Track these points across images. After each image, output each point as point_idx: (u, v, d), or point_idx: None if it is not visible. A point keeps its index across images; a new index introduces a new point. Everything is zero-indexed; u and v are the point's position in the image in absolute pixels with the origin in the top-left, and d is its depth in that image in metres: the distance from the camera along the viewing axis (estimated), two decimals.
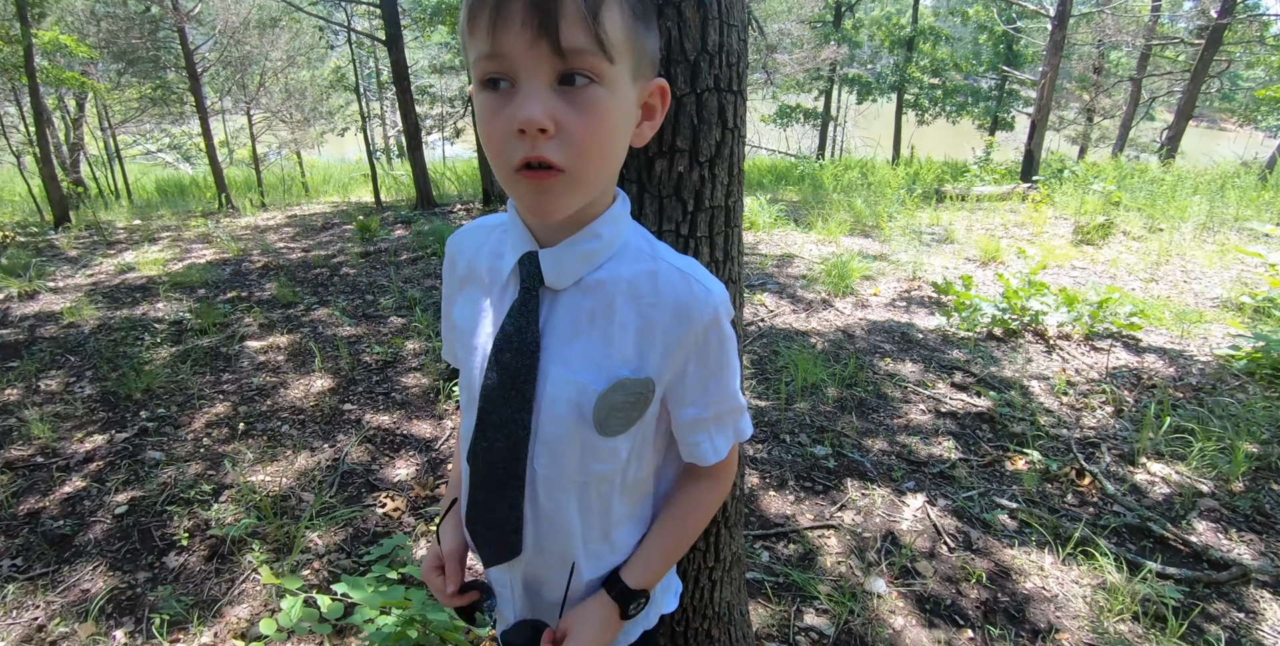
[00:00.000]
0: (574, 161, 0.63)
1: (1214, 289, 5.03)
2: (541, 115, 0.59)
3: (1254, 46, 14.92)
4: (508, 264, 0.78)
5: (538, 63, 0.60)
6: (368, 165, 11.29)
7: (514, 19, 0.59)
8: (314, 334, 4.26)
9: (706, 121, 0.93)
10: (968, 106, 19.50)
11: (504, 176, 0.66)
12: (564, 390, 0.74)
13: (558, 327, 0.75)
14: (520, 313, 0.75)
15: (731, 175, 0.99)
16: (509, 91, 0.62)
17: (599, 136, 0.64)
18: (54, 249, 7.19)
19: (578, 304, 0.75)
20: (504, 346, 0.75)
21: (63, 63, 10.47)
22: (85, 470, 2.81)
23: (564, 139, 0.62)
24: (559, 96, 0.61)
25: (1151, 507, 2.55)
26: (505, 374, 0.75)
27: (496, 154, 0.64)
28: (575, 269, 0.74)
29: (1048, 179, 9.40)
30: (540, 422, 0.76)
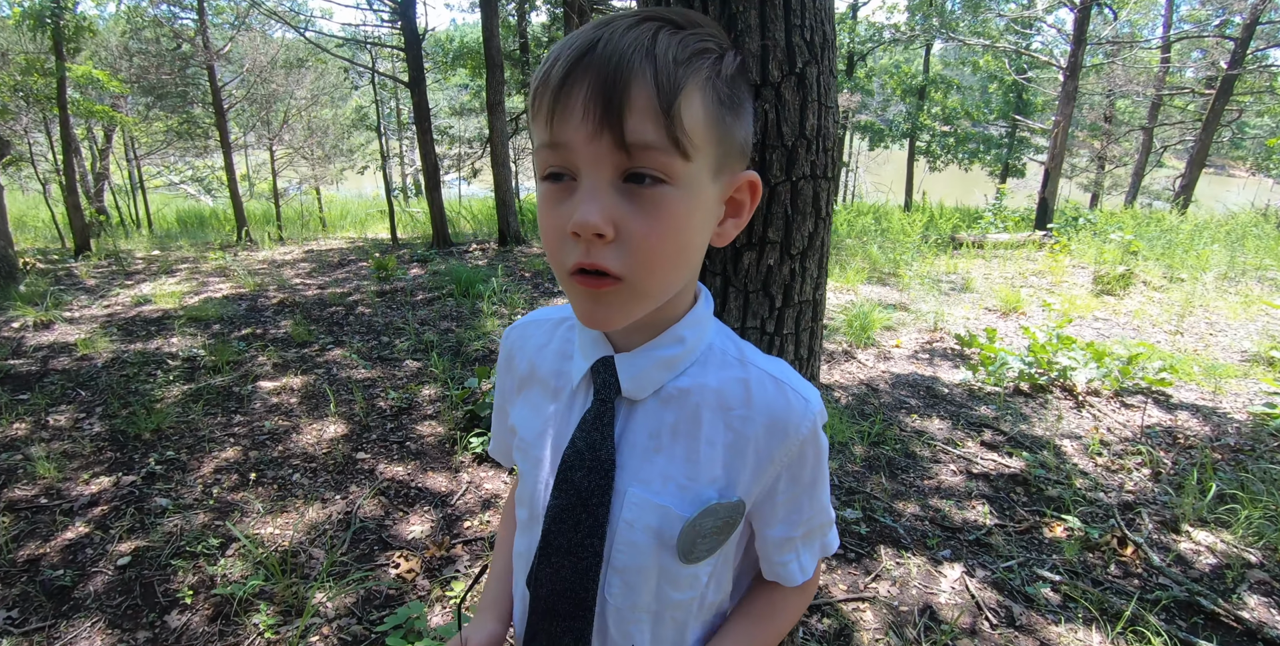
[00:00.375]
0: (634, 271, 0.56)
1: (1241, 342, 4.93)
2: (599, 219, 0.53)
3: (1264, 96, 15.08)
4: (578, 369, 0.71)
5: (599, 158, 0.53)
6: (384, 202, 11.44)
7: (575, 107, 0.53)
8: (328, 376, 4.21)
9: (801, 211, 0.87)
10: (979, 153, 19.73)
11: (559, 277, 0.60)
12: (643, 515, 0.66)
13: (635, 442, 0.68)
14: (594, 426, 0.67)
15: (820, 267, 0.93)
16: (569, 185, 0.56)
17: (666, 243, 0.56)
18: (73, 277, 7.23)
19: (658, 416, 0.68)
20: (574, 464, 0.68)
21: (94, 95, 10.77)
22: (89, 515, 2.73)
23: (625, 245, 0.55)
24: (622, 195, 0.54)
25: (1199, 580, 2.42)
26: (575, 495, 0.67)
27: (552, 252, 0.59)
28: (655, 377, 0.67)
29: (1063, 227, 9.40)
30: (614, 549, 0.68)
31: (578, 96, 0.52)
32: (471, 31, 18.66)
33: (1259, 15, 11.72)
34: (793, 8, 0.78)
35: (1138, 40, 15.51)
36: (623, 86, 0.51)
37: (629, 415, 0.68)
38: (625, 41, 0.52)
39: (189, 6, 11.77)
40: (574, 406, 0.71)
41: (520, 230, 9.52)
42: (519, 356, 0.80)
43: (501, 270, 7.12)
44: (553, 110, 0.54)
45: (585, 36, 0.54)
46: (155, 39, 12.15)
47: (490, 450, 0.90)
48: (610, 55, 0.52)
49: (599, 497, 0.66)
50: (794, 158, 0.84)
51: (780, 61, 0.80)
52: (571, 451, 0.68)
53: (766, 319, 0.89)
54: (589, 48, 0.53)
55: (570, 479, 0.68)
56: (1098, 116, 17.07)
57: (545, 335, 0.78)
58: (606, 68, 0.52)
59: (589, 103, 0.52)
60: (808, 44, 0.80)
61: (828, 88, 0.83)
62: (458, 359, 4.48)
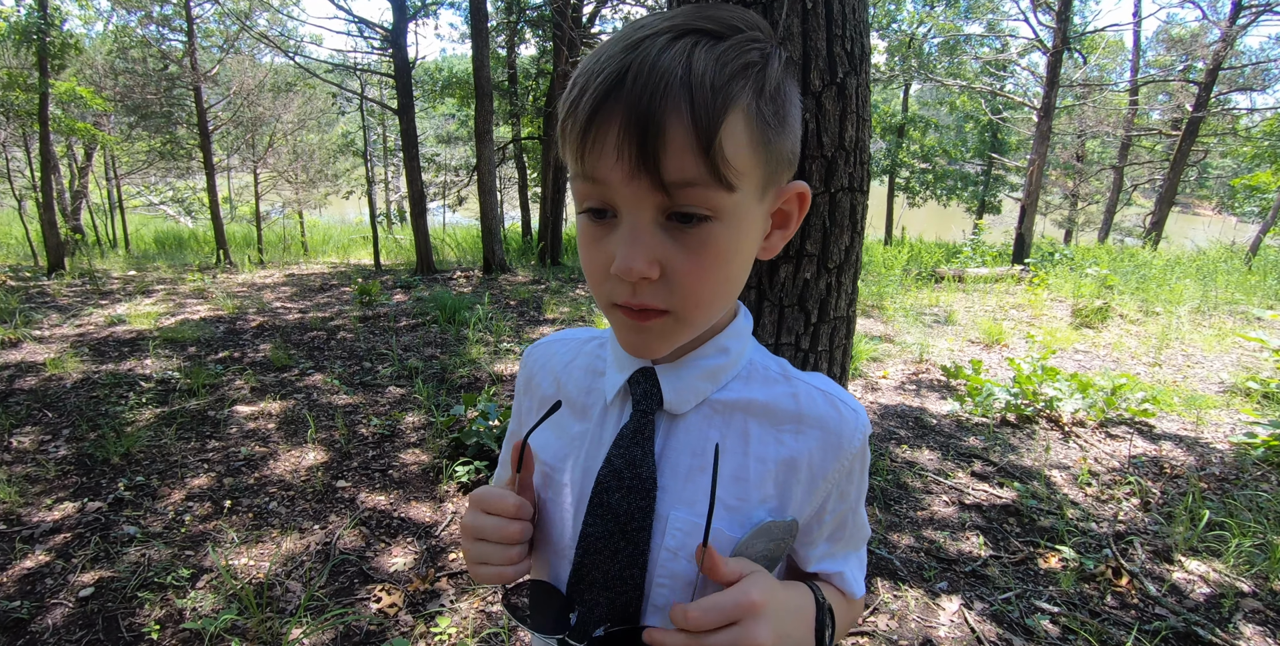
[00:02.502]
0: (681, 305, 0.54)
1: (1218, 373, 5.01)
2: (643, 264, 0.50)
3: (1227, 138, 15.71)
4: (613, 382, 0.66)
5: (639, 198, 0.50)
6: (367, 227, 11.39)
7: (607, 146, 0.49)
8: (308, 401, 4.10)
9: (839, 224, 0.85)
10: (957, 190, 20.24)
11: (602, 307, 0.58)
12: (689, 541, 0.60)
13: (678, 462, 0.62)
14: (633, 441, 0.62)
15: (854, 282, 0.92)
16: (610, 222, 0.53)
17: (713, 279, 0.54)
18: (45, 295, 7.05)
19: (702, 432, 0.63)
20: (611, 484, 0.61)
21: (76, 113, 10.68)
22: (50, 542, 2.59)
23: (670, 282, 0.53)
24: (666, 233, 0.51)
25: (1195, 609, 2.40)
26: (613, 520, 0.61)
27: (594, 284, 0.56)
28: (699, 389, 0.63)
29: (1039, 261, 9.60)
30: (654, 583, 0.61)
31: (609, 134, 0.49)
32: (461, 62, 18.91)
33: (1221, 61, 12.28)
34: (834, 18, 0.78)
35: (1107, 83, 16.17)
36: (657, 125, 0.47)
37: (669, 431, 0.63)
38: (658, 70, 0.48)
39: (178, 28, 11.80)
40: (606, 423, 0.66)
41: (505, 258, 9.51)
42: (541, 375, 0.75)
43: (487, 298, 7.07)
44: (583, 145, 0.50)
45: (615, 63, 0.49)
46: (142, 59, 12.14)
47: (496, 482, 0.80)
48: (642, 90, 0.47)
49: (639, 521, 0.60)
50: (833, 169, 0.83)
51: (822, 71, 0.79)
52: (607, 471, 0.62)
53: (801, 335, 0.86)
54: (618, 78, 0.48)
55: (606, 502, 0.61)
56: (1070, 156, 17.65)
57: (571, 352, 0.74)
58: (639, 105, 0.47)
59: (622, 143, 0.48)
60: (848, 54, 0.79)
61: (865, 100, 0.82)
62: (442, 386, 4.40)
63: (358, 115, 14.15)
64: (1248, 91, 15.61)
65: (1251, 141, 14.28)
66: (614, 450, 0.63)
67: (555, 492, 0.67)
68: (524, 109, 13.28)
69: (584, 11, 11.73)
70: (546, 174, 11.31)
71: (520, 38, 13.46)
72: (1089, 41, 15.84)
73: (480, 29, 8.47)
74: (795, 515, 0.63)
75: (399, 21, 8.96)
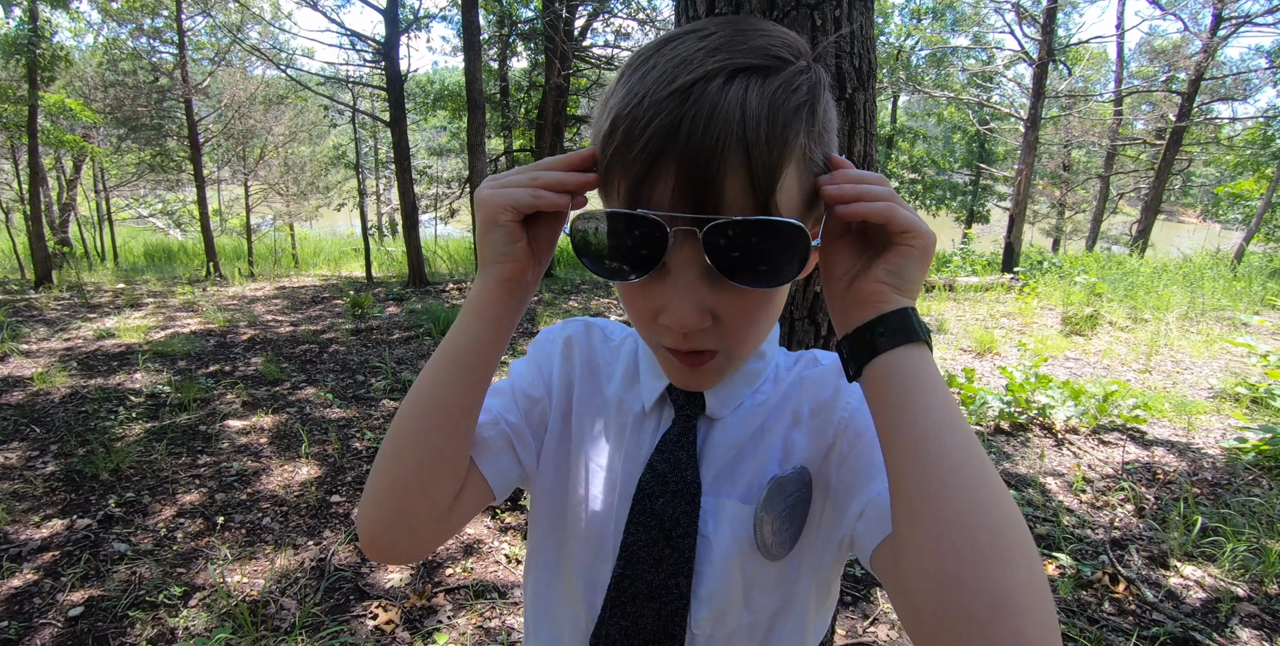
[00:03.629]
0: (730, 345, 0.55)
1: (1207, 379, 5.06)
2: (696, 318, 0.51)
3: (1210, 147, 15.98)
4: (650, 390, 0.66)
5: (690, 252, 0.49)
6: (358, 240, 11.37)
7: (660, 199, 0.48)
8: (300, 415, 4.07)
9: None
10: (946, 200, 20.43)
11: (648, 344, 0.59)
12: (722, 522, 0.61)
13: (713, 457, 0.63)
14: (678, 445, 0.62)
15: None
16: (659, 272, 0.51)
17: (761, 319, 0.55)
18: (32, 309, 6.99)
19: (739, 429, 0.64)
20: (655, 490, 0.61)
21: (65, 125, 10.64)
22: (39, 561, 2.55)
23: (721, 327, 0.53)
24: (715, 282, 0.51)
25: (1192, 615, 2.41)
26: (658, 527, 0.60)
27: (639, 325, 0.57)
28: (738, 393, 0.64)
29: (1029, 270, 9.69)
30: (701, 582, 0.60)
31: (664, 188, 0.48)
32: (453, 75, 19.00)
33: (1203, 71, 12.50)
34: (843, 34, 0.79)
35: (1091, 94, 16.42)
36: (715, 186, 0.47)
37: (708, 434, 0.64)
38: (715, 125, 0.46)
39: (169, 41, 11.81)
40: (644, 430, 0.66)
41: None
42: (585, 357, 0.71)
43: None
44: (635, 184, 0.49)
45: (666, 114, 0.47)
46: (133, 71, 12.12)
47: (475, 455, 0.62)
48: (699, 151, 0.46)
49: (685, 527, 0.60)
50: None
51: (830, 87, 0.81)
52: (650, 476, 0.62)
53: (811, 348, 0.86)
54: (672, 129, 0.46)
55: (650, 508, 0.61)
56: (1057, 165, 17.87)
57: (612, 350, 0.72)
58: (697, 162, 0.46)
59: (678, 199, 0.47)
60: (856, 71, 0.81)
61: (872, 115, 0.84)
62: None
63: (349, 128, 14.17)
64: (1229, 101, 15.91)
65: (1234, 150, 14.53)
66: (657, 455, 0.62)
67: (597, 488, 0.66)
68: (516, 121, 13.34)
69: (576, 25, 11.83)
70: None
71: (512, 50, 13.54)
72: (1073, 53, 16.11)
73: (472, 42, 8.51)
74: (804, 461, 0.62)
75: (391, 34, 9.00)
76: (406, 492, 0.56)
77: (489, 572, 2.54)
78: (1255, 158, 13.65)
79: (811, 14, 0.81)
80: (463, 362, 0.56)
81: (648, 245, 0.49)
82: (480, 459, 0.62)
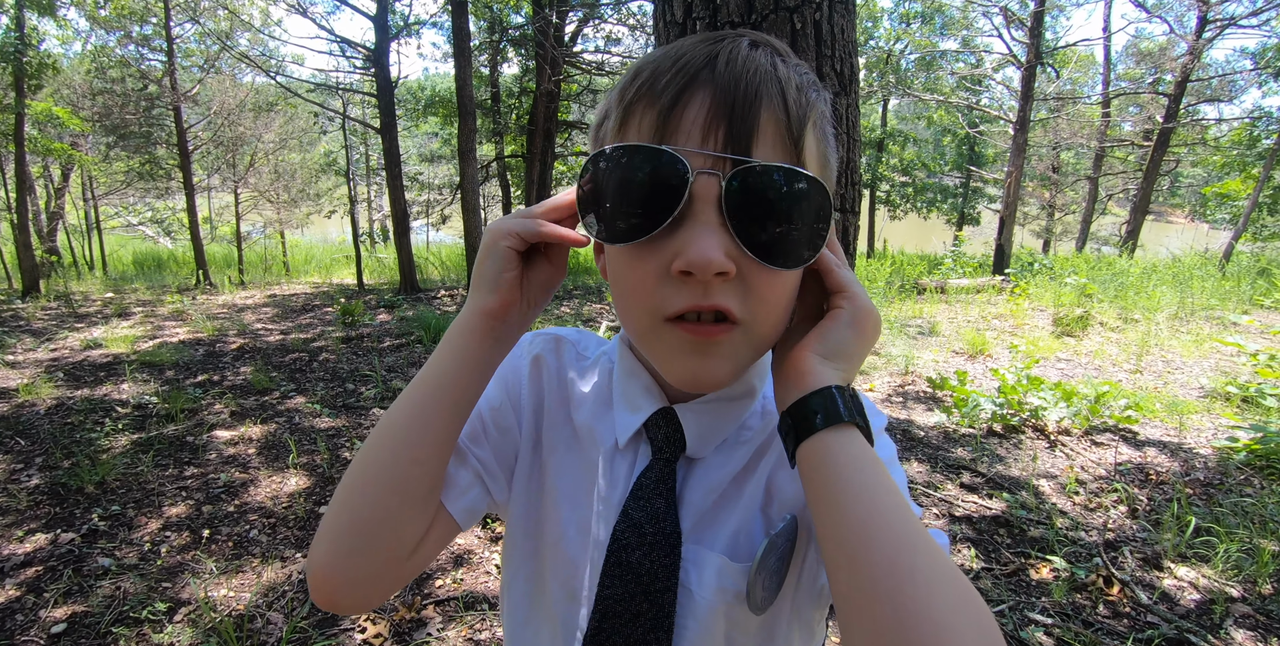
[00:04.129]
0: (755, 315, 0.48)
1: (1198, 378, 5.07)
2: (720, 254, 0.45)
3: (1197, 148, 16.12)
4: (625, 424, 0.59)
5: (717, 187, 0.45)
6: (349, 247, 11.32)
7: (691, 129, 0.45)
8: (289, 425, 4.03)
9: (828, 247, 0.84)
10: (937, 202, 20.54)
11: (645, 328, 0.50)
12: (704, 573, 0.55)
13: (692, 501, 0.57)
14: (655, 491, 0.56)
15: None
16: (672, 225, 0.46)
17: (787, 290, 0.50)
18: (18, 319, 6.92)
19: (720, 469, 0.58)
20: (631, 542, 0.55)
21: (53, 133, 10.57)
22: (21, 576, 2.51)
23: (746, 284, 0.47)
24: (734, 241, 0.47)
25: (1186, 616, 2.40)
26: (635, 581, 0.55)
27: (639, 299, 0.49)
28: (723, 429, 0.58)
29: (1019, 271, 9.72)
30: (684, 635, 0.56)
31: (695, 116, 0.45)
32: (443, 81, 19.00)
33: (1189, 73, 12.61)
34: (824, 38, 0.78)
35: (1079, 96, 16.55)
36: (755, 110, 0.45)
37: (687, 475, 0.58)
38: (751, 61, 0.46)
39: (158, 48, 11.75)
40: (617, 469, 0.60)
41: None
42: (554, 378, 0.65)
43: None
44: (659, 130, 0.46)
45: (699, 50, 0.47)
46: (121, 78, 12.05)
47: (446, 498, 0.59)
48: (738, 74, 0.46)
49: (664, 581, 0.54)
50: None
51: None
52: (625, 526, 0.56)
53: None
54: (707, 62, 0.46)
55: (626, 560, 0.55)
56: (1046, 167, 18.00)
57: (585, 369, 0.66)
58: (735, 88, 0.45)
59: (712, 124, 0.45)
60: (838, 74, 0.80)
61: (855, 121, 0.83)
62: None
63: (340, 134, 14.14)
64: (1215, 102, 16.06)
65: (1220, 151, 14.66)
66: (632, 502, 0.56)
67: (572, 530, 0.61)
68: (507, 127, 13.33)
69: (566, 30, 11.85)
70: (530, 191, 11.34)
71: (503, 57, 13.55)
72: (1061, 56, 16.24)
73: (463, 48, 8.51)
74: (790, 505, 0.57)
75: (381, 41, 8.98)
76: (370, 531, 0.51)
77: (479, 583, 2.51)
78: (1241, 158, 13.77)
79: (791, 17, 0.80)
80: (439, 398, 0.53)
81: (666, 188, 0.45)
82: (447, 496, 0.58)
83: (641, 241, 0.47)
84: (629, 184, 0.47)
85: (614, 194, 0.47)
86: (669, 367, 0.50)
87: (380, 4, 8.93)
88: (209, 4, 11.13)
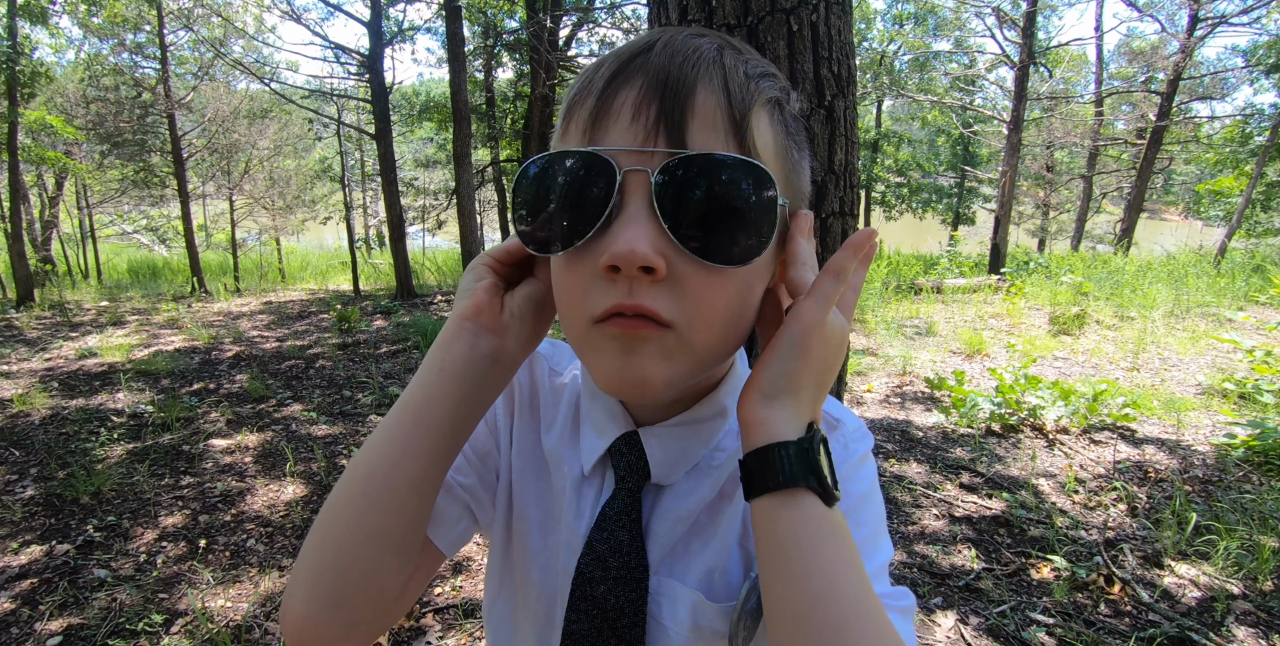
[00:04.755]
0: (689, 319, 0.43)
1: (1195, 375, 5.08)
2: (646, 246, 0.40)
3: (1190, 145, 16.19)
4: (590, 449, 0.56)
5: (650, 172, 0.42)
6: (345, 252, 11.30)
7: (621, 110, 0.42)
8: (286, 433, 4.01)
9: (830, 250, 0.84)
10: (932, 202, 20.60)
11: (580, 335, 0.46)
12: (677, 608, 0.52)
13: (659, 532, 0.54)
14: (618, 523, 0.53)
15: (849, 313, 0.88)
16: (598, 229, 0.43)
17: (729, 289, 0.44)
18: (12, 329, 6.89)
19: (690, 496, 0.54)
20: (596, 576, 0.52)
21: (46, 142, 10.54)
22: (16, 589, 2.49)
23: (679, 288, 0.42)
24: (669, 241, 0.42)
25: (1187, 614, 2.40)
26: (600, 617, 0.52)
27: (575, 304, 0.45)
28: (691, 454, 0.54)
29: (1015, 270, 9.74)
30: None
31: (625, 97, 0.42)
32: (438, 86, 19.02)
33: (1181, 71, 12.67)
34: (820, 40, 0.78)
35: (1072, 95, 16.60)
36: (686, 88, 0.42)
37: (655, 502, 0.55)
38: (689, 45, 0.44)
39: (151, 56, 11.74)
40: (583, 497, 0.57)
41: None
42: (527, 400, 0.63)
43: None
44: (593, 117, 0.43)
45: (639, 40, 0.46)
46: (115, 86, 12.04)
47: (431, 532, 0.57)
48: (671, 56, 0.43)
49: (630, 616, 0.52)
50: (823, 194, 0.82)
51: (810, 94, 0.79)
52: (589, 559, 0.53)
53: None
54: (644, 48, 0.44)
55: (591, 595, 0.52)
56: (1040, 166, 18.05)
57: (558, 391, 0.63)
58: (670, 66, 0.42)
59: (641, 103, 0.42)
60: (835, 77, 0.79)
61: (852, 123, 0.82)
62: None
63: (335, 140, 14.13)
64: (1207, 100, 16.14)
65: (1213, 148, 14.73)
66: (596, 534, 0.53)
67: (542, 559, 0.58)
68: (502, 132, 13.34)
69: (560, 35, 11.86)
70: None
71: (497, 61, 13.56)
72: (1054, 55, 16.31)
73: (457, 53, 8.51)
74: None
75: (375, 47, 8.98)
76: (351, 581, 0.47)
77: (478, 591, 2.49)
78: (1234, 155, 13.84)
79: (787, 19, 0.79)
80: (422, 425, 0.49)
81: (595, 191, 0.42)
82: (435, 531, 0.55)
83: (577, 247, 0.44)
84: (557, 191, 0.44)
85: (543, 203, 0.45)
86: (598, 371, 0.46)
87: (374, 10, 8.93)
88: (203, 11, 11.13)
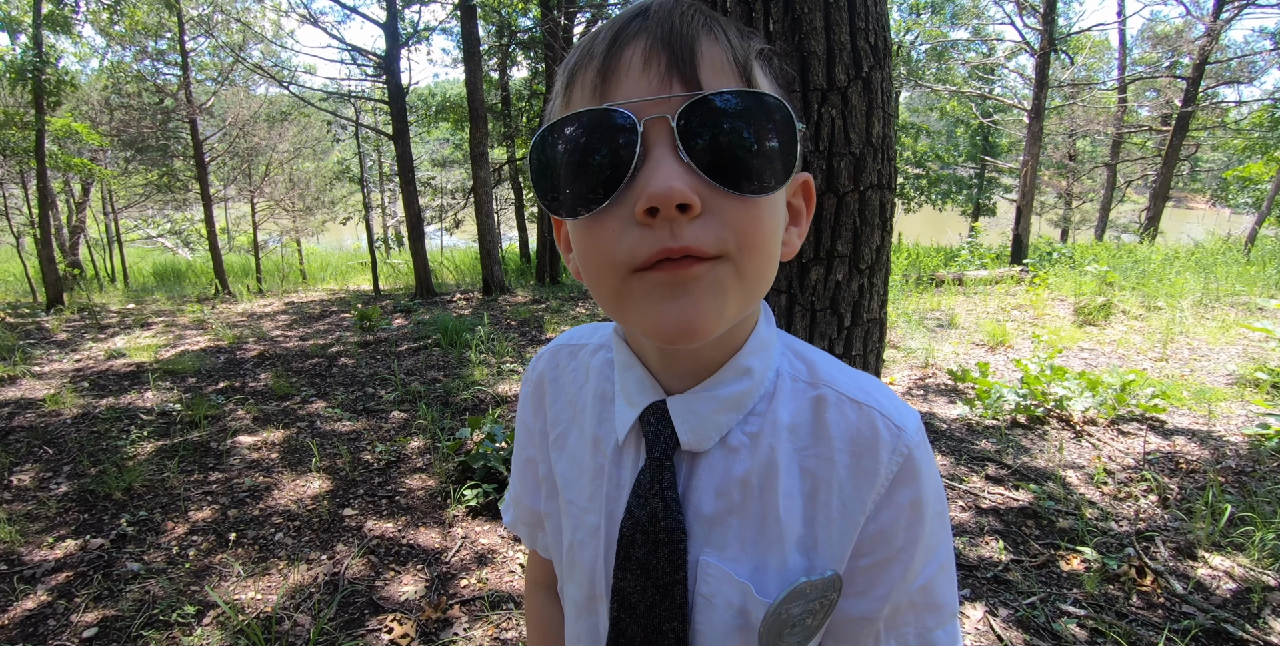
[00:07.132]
0: (738, 246, 0.44)
1: (1226, 365, 4.97)
2: (681, 183, 0.41)
3: (1217, 131, 15.82)
4: (623, 419, 0.57)
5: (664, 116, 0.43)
6: (365, 254, 11.41)
7: (632, 63, 0.44)
8: (310, 429, 4.06)
9: (869, 223, 0.82)
10: (952, 194, 20.33)
11: (616, 290, 0.46)
12: (723, 588, 0.53)
13: (702, 505, 0.54)
14: (651, 491, 0.54)
15: (885, 283, 0.88)
16: (627, 181, 0.44)
17: (763, 217, 0.45)
18: (43, 331, 7.04)
19: (725, 468, 0.54)
20: (636, 538, 0.54)
21: (73, 148, 10.76)
22: (52, 582, 2.55)
23: (715, 220, 0.43)
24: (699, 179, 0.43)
25: (1222, 606, 2.35)
26: (644, 575, 0.54)
27: (608, 258, 0.45)
28: (720, 422, 0.54)
29: (1038, 261, 9.59)
30: (698, 631, 0.55)
31: (633, 53, 0.44)
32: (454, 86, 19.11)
33: (1207, 55, 12.38)
34: (857, 11, 0.77)
35: (1095, 82, 16.30)
36: (690, 37, 0.44)
37: (691, 471, 0.55)
38: (681, 5, 0.47)
39: (173, 62, 11.93)
40: (623, 463, 0.59)
41: (504, 279, 9.52)
42: (554, 392, 0.67)
43: (487, 318, 7.06)
44: (602, 76, 0.45)
45: (630, 9, 0.48)
46: (137, 93, 12.25)
47: (509, 523, 0.73)
48: (668, 13, 0.46)
49: (673, 574, 0.54)
50: (862, 166, 0.81)
51: (846, 65, 0.78)
52: (630, 523, 0.55)
53: (835, 339, 0.82)
54: (639, 13, 0.46)
55: (634, 556, 0.55)
56: (1062, 155, 17.74)
57: (581, 369, 0.65)
58: (668, 22, 0.45)
59: (650, 54, 0.44)
60: (872, 48, 0.78)
61: (889, 95, 0.81)
62: (446, 409, 4.36)
63: (353, 142, 14.26)
64: (1235, 84, 15.73)
65: (1241, 134, 14.38)
66: (634, 500, 0.55)
67: (588, 534, 0.61)
68: (518, 130, 13.38)
69: (575, 32, 11.86)
70: None
71: (512, 60, 13.60)
72: (1075, 42, 16.00)
73: (472, 53, 8.54)
74: (836, 566, 0.53)
75: (391, 48, 9.04)
76: None
77: (504, 582, 2.51)
78: (1263, 140, 13.50)
79: None
80: None
81: (618, 146, 0.43)
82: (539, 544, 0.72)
83: (608, 203, 0.44)
84: (580, 152, 0.44)
85: (567, 167, 0.45)
86: (645, 322, 0.45)
87: (390, 12, 8.99)
88: (222, 17, 11.28)
